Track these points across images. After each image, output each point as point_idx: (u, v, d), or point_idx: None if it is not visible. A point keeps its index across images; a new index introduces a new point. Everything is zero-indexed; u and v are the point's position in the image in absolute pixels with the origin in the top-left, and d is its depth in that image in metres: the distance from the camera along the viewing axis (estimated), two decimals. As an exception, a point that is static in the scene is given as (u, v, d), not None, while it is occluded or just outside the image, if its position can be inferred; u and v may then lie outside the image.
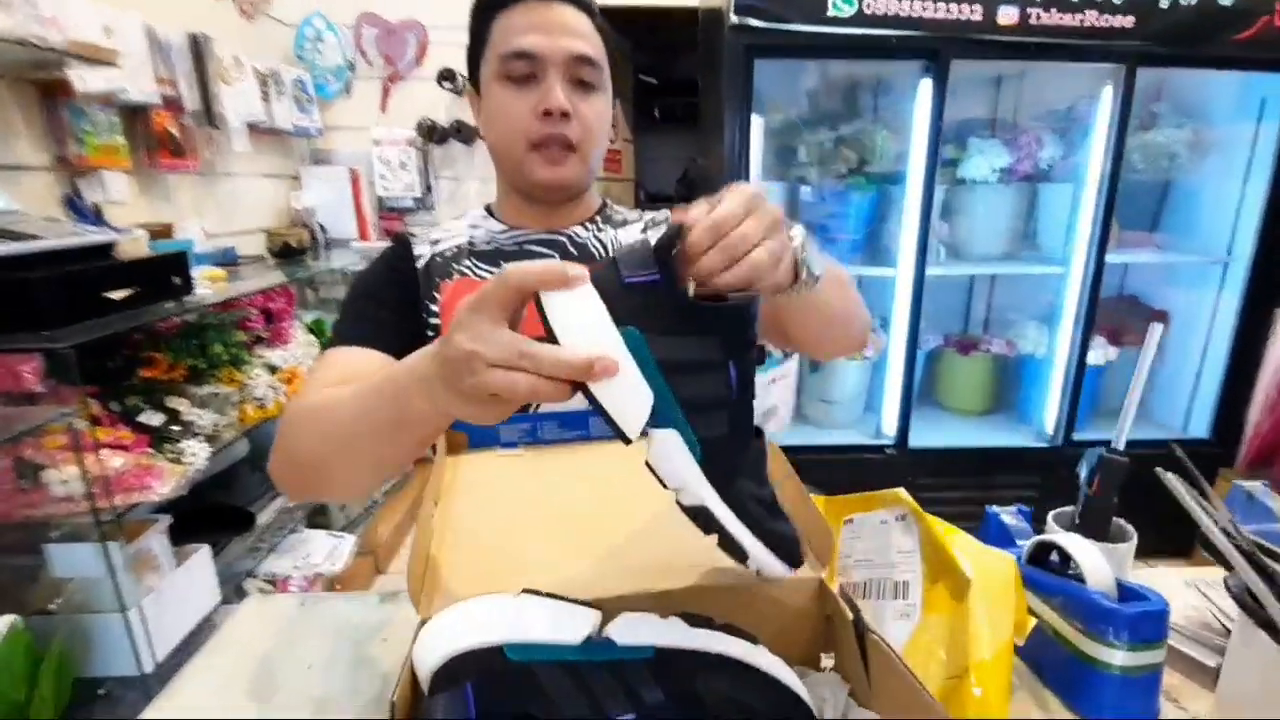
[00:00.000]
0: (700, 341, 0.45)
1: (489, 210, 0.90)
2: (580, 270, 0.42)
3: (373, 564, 2.17)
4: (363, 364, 0.72)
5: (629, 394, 0.42)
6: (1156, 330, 0.71)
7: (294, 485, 0.65)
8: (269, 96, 2.13)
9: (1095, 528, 0.70)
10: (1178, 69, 1.92)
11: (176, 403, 1.40)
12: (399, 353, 0.76)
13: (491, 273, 0.82)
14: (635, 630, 0.46)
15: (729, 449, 0.45)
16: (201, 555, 1.43)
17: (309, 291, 2.35)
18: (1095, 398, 2.29)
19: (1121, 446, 0.72)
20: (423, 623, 0.49)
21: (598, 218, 0.89)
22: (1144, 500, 0.78)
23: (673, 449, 0.44)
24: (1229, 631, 0.66)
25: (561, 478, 0.67)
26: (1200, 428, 2.19)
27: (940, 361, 2.40)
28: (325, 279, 2.30)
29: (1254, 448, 2.10)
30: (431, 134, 2.40)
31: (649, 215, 0.91)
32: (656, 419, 0.43)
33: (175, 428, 1.37)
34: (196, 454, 1.34)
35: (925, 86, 1.85)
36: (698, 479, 0.44)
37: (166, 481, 1.25)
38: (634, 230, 0.89)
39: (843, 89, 2.21)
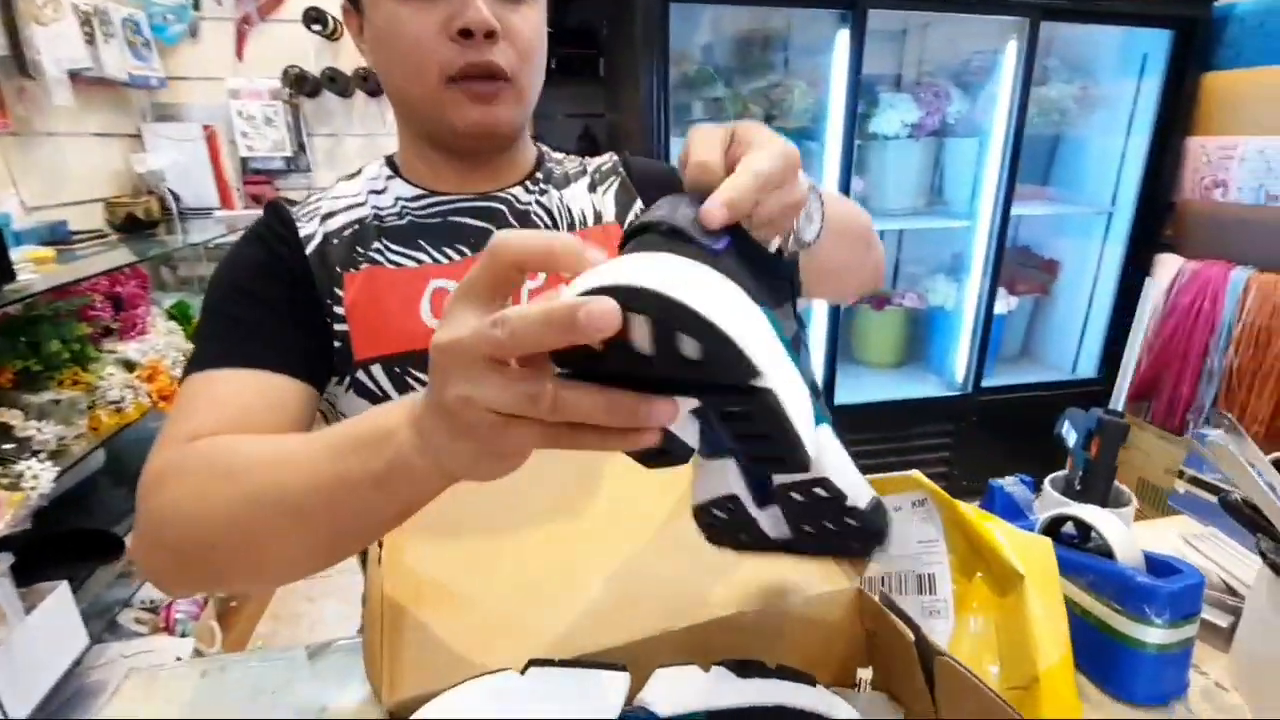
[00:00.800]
0: (788, 310, 0.36)
1: (392, 166, 0.70)
2: (594, 249, 0.29)
3: (271, 573, 1.95)
4: (257, 393, 0.54)
5: (799, 394, 0.29)
6: (1150, 286, 0.67)
7: (186, 576, 0.46)
8: (94, 39, 1.78)
9: (1097, 493, 0.67)
10: (1067, 24, 1.97)
11: (6, 415, 1.14)
12: (300, 369, 0.57)
13: (411, 258, 0.64)
14: (677, 693, 0.37)
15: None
16: (58, 594, 1.19)
17: (166, 271, 2.03)
18: (996, 345, 2.40)
19: (1120, 407, 0.69)
20: (393, 715, 0.37)
21: (538, 174, 0.71)
22: (1029, 434, 0.76)
23: (839, 449, 0.33)
24: (1230, 589, 0.65)
25: (534, 487, 0.55)
26: (1089, 368, 2.34)
27: (855, 316, 2.43)
28: (185, 255, 1.99)
29: (1134, 384, 2.27)
30: (301, 84, 2.11)
31: (591, 166, 0.75)
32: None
33: (7, 446, 1.12)
34: (39, 476, 1.10)
35: (842, 38, 1.80)
36: (859, 476, 0.33)
37: (0, 514, 1.01)
38: (579, 189, 0.72)
39: (751, 41, 2.13)
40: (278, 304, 0.60)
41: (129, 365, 1.37)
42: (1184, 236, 2.17)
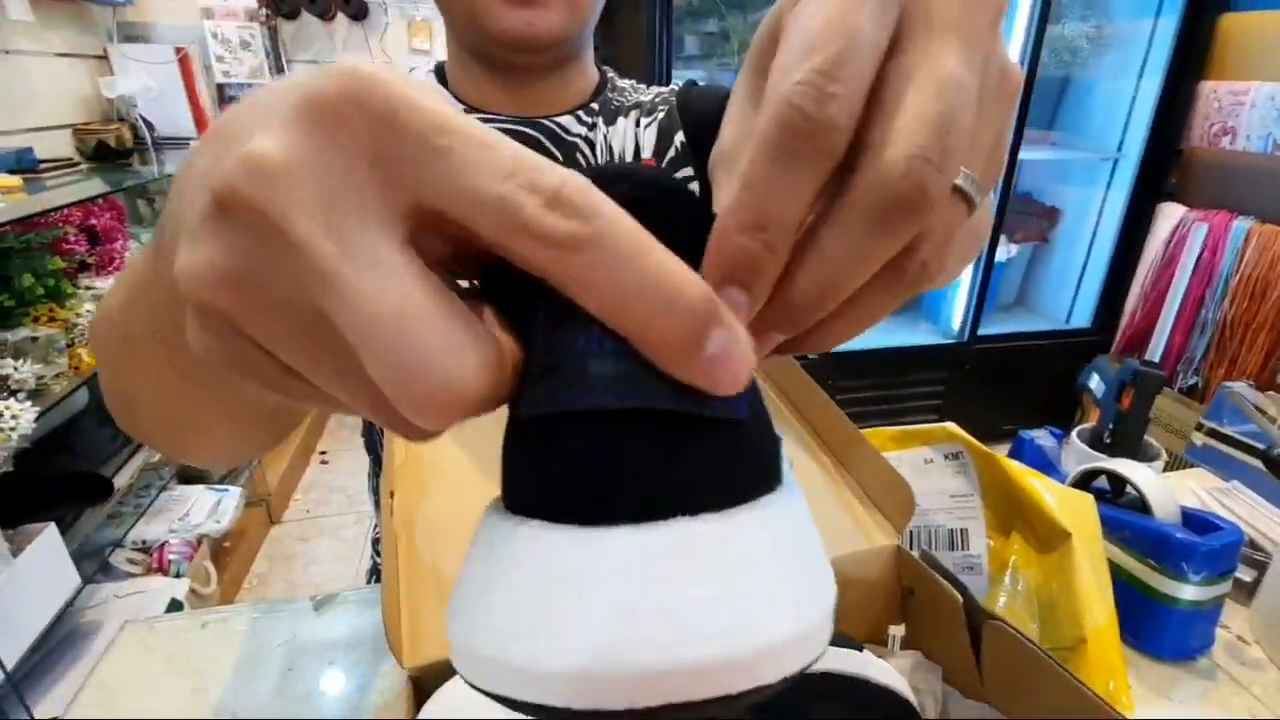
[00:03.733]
0: None
1: (440, 76, 0.64)
2: None
3: (265, 515, 1.94)
4: None
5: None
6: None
7: (134, 436, 0.38)
8: (51, -54, 1.65)
9: (1129, 446, 0.66)
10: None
11: (-21, 353, 1.09)
12: None
13: None
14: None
15: None
16: (46, 536, 1.17)
17: (142, 204, 1.93)
18: (994, 293, 2.38)
19: (1157, 359, 0.67)
20: (413, 679, 0.35)
21: (594, 104, 0.64)
22: (1021, 383, 0.74)
23: None
24: (1253, 544, 0.65)
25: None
26: (1083, 318, 2.33)
27: (852, 263, 2.39)
28: (162, 187, 1.90)
29: (1127, 334, 2.27)
30: (278, 5, 1.98)
31: (649, 96, 0.66)
32: None
33: (-18, 385, 1.08)
34: (19, 416, 1.06)
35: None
36: None
37: (-20, 456, 0.98)
38: (627, 124, 0.64)
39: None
40: None
41: (107, 303, 1.31)
42: (1188, 186, 2.14)
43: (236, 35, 1.95)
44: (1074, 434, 0.70)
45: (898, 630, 0.49)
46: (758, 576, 0.15)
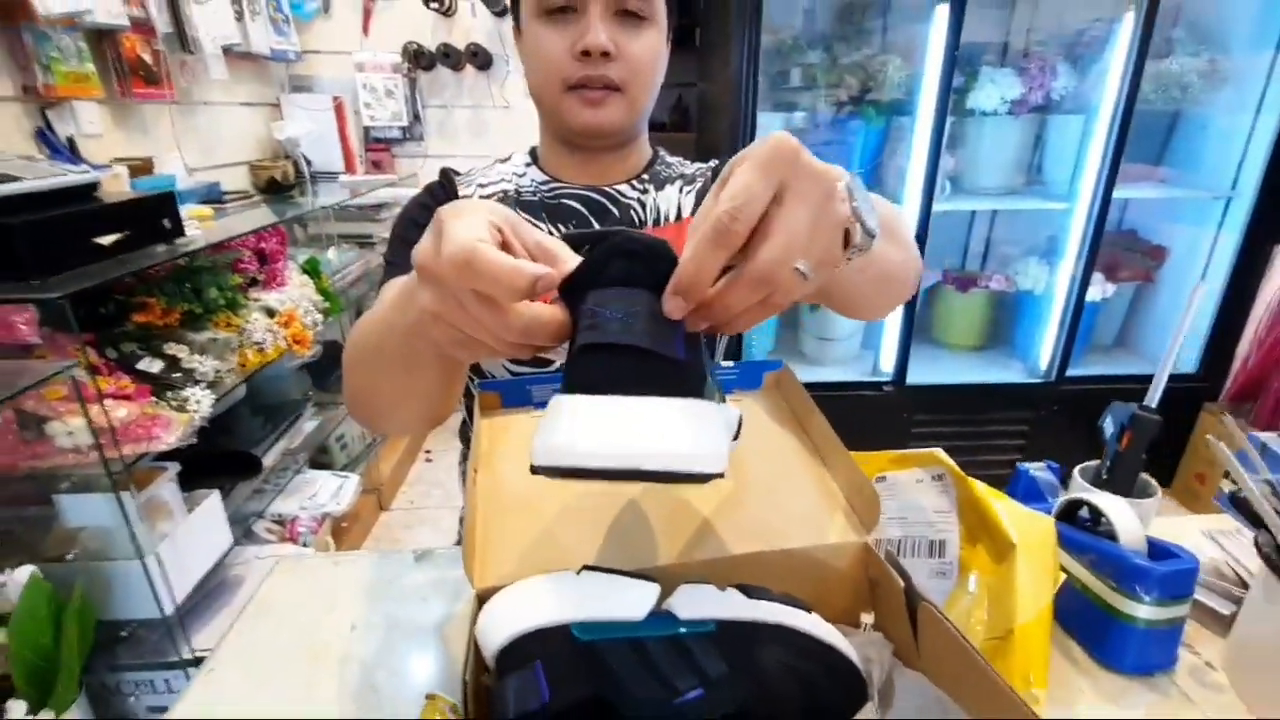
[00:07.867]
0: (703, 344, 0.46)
1: (533, 155, 0.84)
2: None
3: (376, 501, 2.20)
4: None
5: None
6: (1200, 290, 0.70)
7: (360, 419, 0.64)
8: (243, 16, 2.00)
9: (1123, 483, 0.72)
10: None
11: (175, 349, 1.37)
12: None
13: (536, 227, 0.78)
14: (696, 603, 0.47)
15: None
16: (212, 500, 1.43)
17: (298, 229, 2.27)
18: (1088, 334, 2.31)
19: (1154, 404, 0.73)
20: (479, 597, 0.49)
21: (645, 175, 0.82)
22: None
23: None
24: (1242, 581, 0.69)
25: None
26: (1189, 363, 2.23)
27: (937, 297, 2.40)
28: (316, 215, 2.22)
29: (1239, 382, 2.15)
30: (418, 59, 2.28)
31: (691, 169, 0.85)
32: None
33: (176, 375, 1.35)
34: (200, 401, 1.32)
35: (941, 9, 1.77)
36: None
37: (173, 431, 1.23)
38: (672, 190, 0.82)
39: (846, 9, 2.11)
40: None
41: (270, 312, 1.59)
42: (1313, 227, 2.01)
43: (382, 85, 2.26)
44: (1076, 471, 0.77)
45: (868, 618, 0.59)
46: (674, 425, 0.34)
